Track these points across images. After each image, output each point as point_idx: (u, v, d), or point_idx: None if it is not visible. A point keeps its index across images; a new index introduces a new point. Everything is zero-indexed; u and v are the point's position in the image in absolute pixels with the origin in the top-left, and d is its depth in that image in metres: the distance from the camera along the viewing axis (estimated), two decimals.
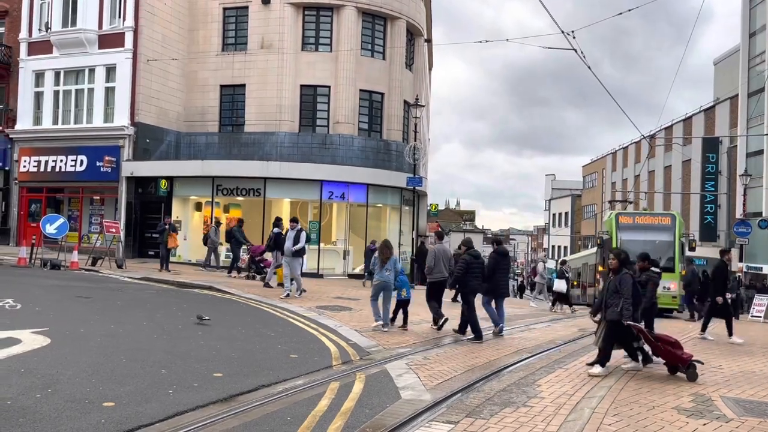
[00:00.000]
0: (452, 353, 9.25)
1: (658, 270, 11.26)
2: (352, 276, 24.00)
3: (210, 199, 24.79)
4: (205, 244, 21.50)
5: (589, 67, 14.37)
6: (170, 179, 24.64)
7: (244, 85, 25.97)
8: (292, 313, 12.31)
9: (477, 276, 10.89)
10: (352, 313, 12.91)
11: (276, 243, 16.75)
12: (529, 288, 57.97)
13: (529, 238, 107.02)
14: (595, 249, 34.60)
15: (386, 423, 5.46)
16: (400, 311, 11.49)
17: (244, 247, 20.58)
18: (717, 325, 13.58)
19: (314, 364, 7.88)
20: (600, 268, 23.07)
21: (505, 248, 12.06)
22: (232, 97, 26.39)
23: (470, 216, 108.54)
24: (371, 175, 24.85)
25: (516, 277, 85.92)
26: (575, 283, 41.47)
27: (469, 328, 10.90)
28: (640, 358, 8.68)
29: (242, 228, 20.45)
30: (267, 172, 23.59)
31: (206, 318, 10.51)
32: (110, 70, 25.41)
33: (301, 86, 25.62)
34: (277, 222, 17.66)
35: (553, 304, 20.28)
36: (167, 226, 20.12)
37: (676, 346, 8.07)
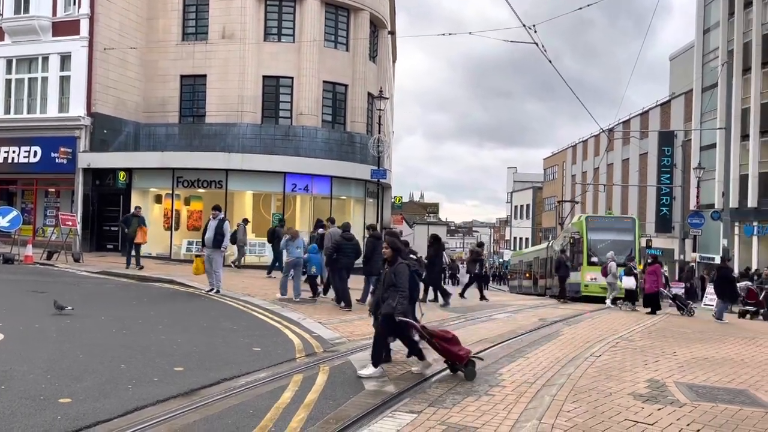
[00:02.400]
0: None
1: (416, 258, 13.12)
2: None
3: (170, 192, 24.36)
4: (233, 243, 21.16)
5: (550, 61, 14.57)
6: (129, 171, 24.11)
7: (205, 76, 25.52)
8: (256, 306, 12.22)
9: (348, 255, 12.69)
10: (316, 305, 12.88)
11: (321, 244, 16.66)
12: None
13: (492, 230, 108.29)
14: (545, 244, 36.85)
15: (350, 414, 5.47)
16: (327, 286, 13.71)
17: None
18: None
19: (277, 356, 7.84)
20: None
21: (379, 233, 13.63)
22: (193, 87, 25.92)
23: (434, 208, 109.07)
24: (335, 167, 24.75)
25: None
26: (527, 275, 42.54)
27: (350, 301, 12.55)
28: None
29: (284, 227, 19.98)
30: (229, 164, 23.28)
31: (68, 307, 9.82)
32: (65, 59, 24.64)
33: (264, 77, 25.34)
34: (319, 223, 17.49)
35: (618, 301, 19.68)
36: (135, 218, 18.54)
37: (452, 342, 7.11)
